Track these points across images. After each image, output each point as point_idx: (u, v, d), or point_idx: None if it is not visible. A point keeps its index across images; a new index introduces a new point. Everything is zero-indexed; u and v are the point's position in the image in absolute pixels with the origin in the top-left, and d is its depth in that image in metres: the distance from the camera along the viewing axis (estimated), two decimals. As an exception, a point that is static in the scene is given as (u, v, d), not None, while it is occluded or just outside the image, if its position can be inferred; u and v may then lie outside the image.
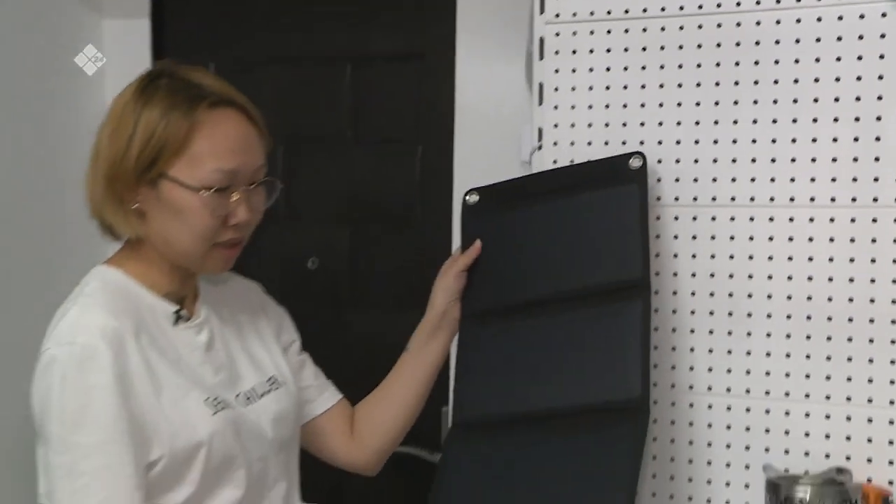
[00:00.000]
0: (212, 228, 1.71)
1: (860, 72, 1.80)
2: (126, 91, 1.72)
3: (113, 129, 1.70)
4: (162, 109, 1.67)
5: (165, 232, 1.72)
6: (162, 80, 1.71)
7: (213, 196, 1.69)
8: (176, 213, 1.70)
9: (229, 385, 1.80)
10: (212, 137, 1.69)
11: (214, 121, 1.70)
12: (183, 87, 1.71)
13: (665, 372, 1.96)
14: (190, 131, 1.67)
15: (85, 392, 1.62)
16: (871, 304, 1.81)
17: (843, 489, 1.71)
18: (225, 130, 1.71)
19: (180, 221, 1.70)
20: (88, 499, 1.61)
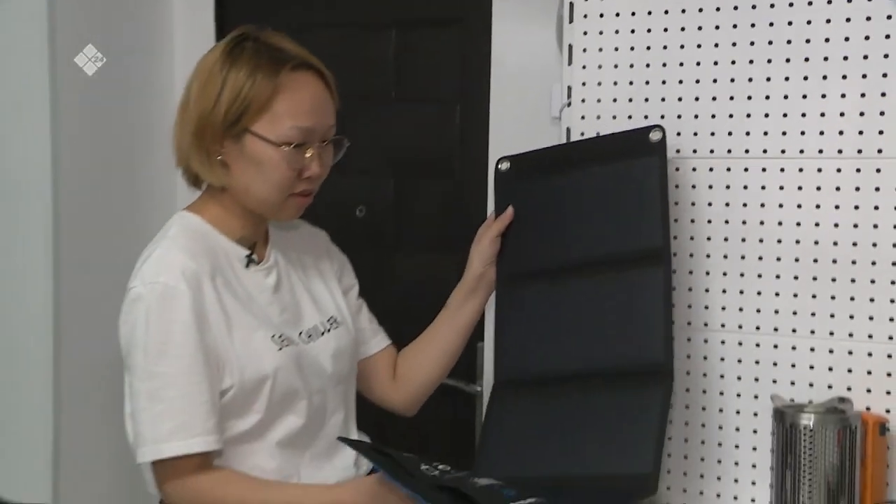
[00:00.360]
0: (288, 180, 1.74)
1: (868, 31, 1.79)
2: (214, 52, 1.76)
3: (201, 87, 1.73)
4: (248, 71, 1.70)
5: (247, 182, 1.75)
6: (247, 43, 1.73)
7: (290, 151, 1.72)
8: (257, 165, 1.73)
9: (293, 323, 1.82)
10: (292, 98, 1.72)
11: (295, 83, 1.73)
12: (266, 51, 1.73)
13: (682, 310, 1.96)
14: (273, 92, 1.70)
15: (166, 327, 1.67)
16: (874, 248, 1.81)
17: (844, 417, 1.71)
18: (303, 92, 1.74)
19: (261, 173, 1.73)
20: (167, 422, 1.66)
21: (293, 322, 1.83)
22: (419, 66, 2.59)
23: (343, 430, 1.89)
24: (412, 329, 2.26)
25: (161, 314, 1.67)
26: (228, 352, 1.71)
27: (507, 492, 1.59)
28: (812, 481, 1.70)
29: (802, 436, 1.70)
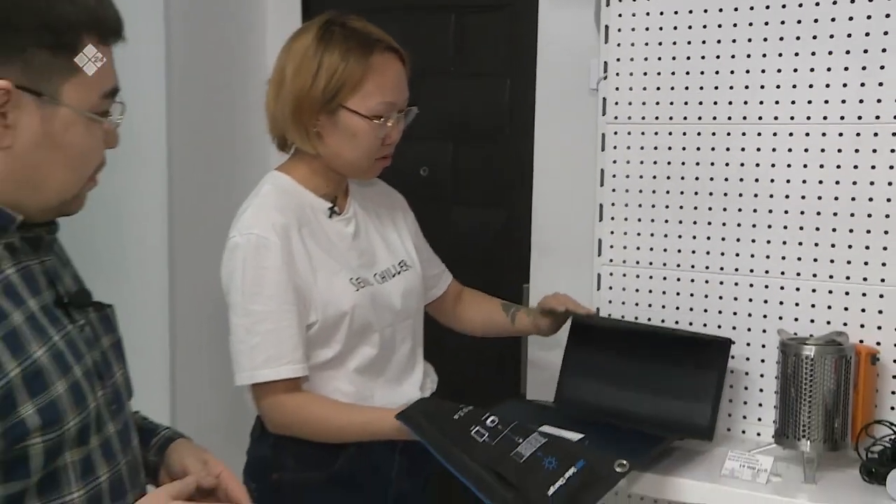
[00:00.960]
0: (375, 147, 1.78)
1: (870, 11, 1.79)
2: (305, 36, 1.76)
3: (296, 68, 1.74)
4: (341, 54, 1.71)
5: (339, 149, 1.77)
6: (336, 28, 1.74)
7: (378, 123, 1.75)
8: (350, 135, 1.75)
9: (369, 266, 1.85)
10: (380, 78, 1.74)
11: (382, 65, 1.75)
12: (355, 36, 1.74)
13: (700, 254, 1.98)
14: (364, 73, 1.72)
15: (259, 272, 1.71)
16: (870, 202, 1.82)
17: (840, 348, 1.72)
18: (389, 72, 1.76)
19: (353, 142, 1.76)
20: (262, 353, 1.71)
21: (369, 265, 1.85)
22: (474, 45, 2.57)
23: (411, 360, 1.92)
24: (466, 269, 2.30)
25: (255, 261, 1.71)
26: (313, 292, 1.74)
27: (549, 462, 1.57)
28: (812, 404, 1.70)
29: (804, 365, 1.71)
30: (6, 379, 1.06)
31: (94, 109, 1.16)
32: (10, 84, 1.08)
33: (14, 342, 1.09)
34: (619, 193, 2.06)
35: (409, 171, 2.59)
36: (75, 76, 1.13)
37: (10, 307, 1.11)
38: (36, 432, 1.09)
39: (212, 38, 2.64)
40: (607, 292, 2.09)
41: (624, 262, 2.07)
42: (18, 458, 1.09)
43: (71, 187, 1.19)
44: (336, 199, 1.84)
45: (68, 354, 1.16)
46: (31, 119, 1.11)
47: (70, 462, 1.15)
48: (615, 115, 2.04)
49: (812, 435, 1.71)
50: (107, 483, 1.20)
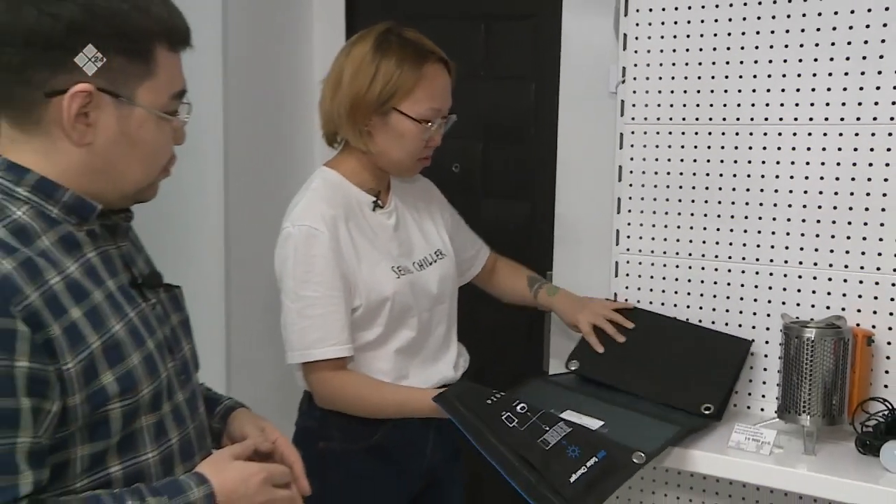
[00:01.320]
0: (420, 148, 1.79)
1: (869, 21, 1.78)
2: (364, 43, 1.75)
3: (354, 72, 1.74)
4: (397, 61, 1.72)
5: (387, 148, 1.78)
6: (392, 38, 1.75)
7: (425, 126, 1.76)
8: (399, 136, 1.76)
9: (408, 255, 1.86)
10: (430, 86, 1.75)
11: (432, 74, 1.76)
12: (409, 46, 1.75)
13: (710, 244, 1.98)
14: (417, 81, 1.73)
15: (310, 260, 1.72)
16: (867, 196, 1.81)
17: (839, 331, 1.72)
18: (438, 81, 1.77)
19: (400, 142, 1.77)
20: (311, 334, 1.72)
21: (408, 254, 1.86)
22: (502, 51, 2.56)
23: (446, 340, 1.92)
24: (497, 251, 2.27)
25: (305, 250, 1.71)
26: (358, 279, 1.76)
27: (573, 450, 1.57)
28: (812, 382, 1.70)
29: (805, 346, 1.71)
30: (88, 350, 1.09)
31: (165, 109, 1.18)
32: (91, 87, 1.09)
33: (95, 318, 1.11)
34: (636, 188, 2.06)
35: (442, 168, 2.55)
36: (149, 79, 1.14)
37: (91, 287, 1.13)
38: (115, 398, 1.11)
39: (264, 46, 2.65)
40: (624, 279, 2.09)
41: (640, 251, 2.07)
42: (100, 421, 1.11)
43: (144, 178, 1.20)
44: (379, 194, 1.85)
45: (142, 329, 1.18)
46: (110, 118, 1.13)
47: (145, 425, 1.17)
48: (632, 116, 2.04)
49: (812, 410, 1.71)
50: (177, 445, 1.23)
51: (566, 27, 2.34)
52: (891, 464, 1.64)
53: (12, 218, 1.10)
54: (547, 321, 2.42)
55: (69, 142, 1.12)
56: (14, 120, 1.13)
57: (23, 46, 1.07)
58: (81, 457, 1.11)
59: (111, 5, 1.10)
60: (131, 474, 1.16)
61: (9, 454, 1.02)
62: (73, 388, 1.07)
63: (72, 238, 1.14)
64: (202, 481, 1.18)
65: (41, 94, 1.09)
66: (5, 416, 1.02)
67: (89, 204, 1.15)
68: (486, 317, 2.45)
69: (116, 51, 1.11)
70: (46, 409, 1.05)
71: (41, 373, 1.04)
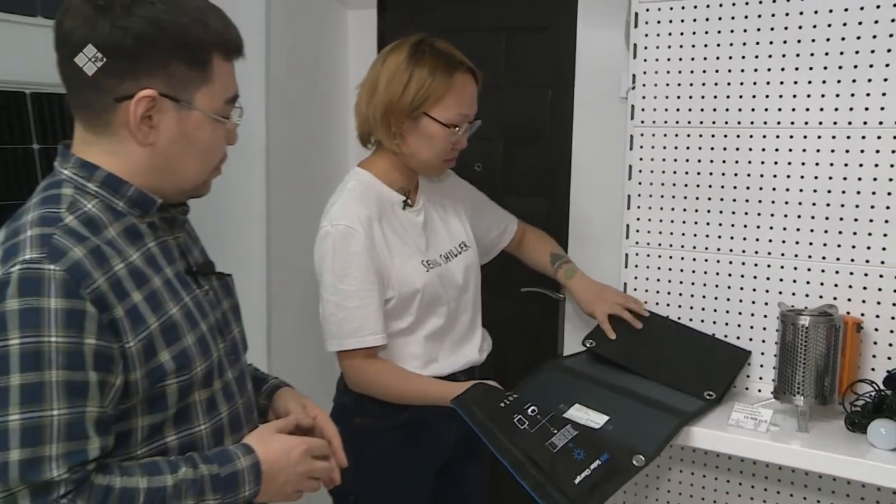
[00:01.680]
0: (447, 150, 1.79)
1: (859, 33, 1.78)
2: (399, 53, 1.75)
3: (389, 79, 1.74)
4: (429, 70, 1.72)
5: (416, 150, 1.78)
6: (425, 48, 1.75)
7: (453, 131, 1.76)
8: (428, 138, 1.76)
9: (436, 249, 1.86)
10: (460, 94, 1.75)
11: (462, 83, 1.76)
12: (441, 56, 1.74)
13: (713, 238, 1.98)
14: (447, 89, 1.73)
15: (346, 256, 1.72)
16: (857, 195, 1.81)
17: (831, 319, 1.73)
18: (466, 89, 1.77)
19: (429, 144, 1.77)
20: (348, 325, 1.73)
21: (436, 248, 1.86)
22: (521, 60, 2.55)
23: (471, 327, 1.92)
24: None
25: (343, 247, 1.71)
26: (390, 272, 1.76)
27: (578, 453, 1.56)
28: (805, 366, 1.71)
29: (800, 332, 1.72)
30: (148, 330, 1.11)
31: (219, 113, 1.20)
32: (155, 93, 1.12)
33: (154, 301, 1.14)
34: (645, 186, 2.06)
35: (466, 167, 2.51)
36: (206, 86, 1.16)
37: (151, 273, 1.15)
38: (171, 374, 1.14)
39: (303, 56, 2.65)
40: (633, 269, 2.09)
41: (648, 244, 2.06)
42: (158, 395, 1.14)
43: (200, 175, 1.22)
44: (408, 193, 1.85)
45: (196, 313, 1.20)
46: (171, 121, 1.15)
47: (198, 400, 1.20)
48: (641, 120, 2.04)
49: (805, 391, 1.72)
50: (227, 418, 1.25)
51: (580, 38, 2.34)
52: (877, 440, 1.65)
53: (83, 210, 1.13)
54: (561, 309, 2.42)
55: (134, 142, 1.15)
56: (87, 123, 1.16)
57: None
58: (142, 427, 1.14)
59: (174, 20, 1.12)
60: (185, 444, 1.19)
61: (79, 422, 1.05)
62: (134, 364, 1.10)
63: (135, 229, 1.17)
64: (248, 451, 1.21)
65: (111, 99, 1.12)
66: (76, 387, 1.05)
67: (151, 198, 1.18)
68: (507, 306, 2.46)
69: (178, 60, 1.13)
70: (111, 383, 1.08)
71: (107, 350, 1.07)
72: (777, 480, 1.94)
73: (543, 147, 2.55)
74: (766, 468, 1.96)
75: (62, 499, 1.04)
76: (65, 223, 1.10)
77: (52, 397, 1.04)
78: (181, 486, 1.12)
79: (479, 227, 2.02)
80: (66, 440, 1.04)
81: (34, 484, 1.03)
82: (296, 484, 1.26)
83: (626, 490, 2.14)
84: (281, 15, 2.53)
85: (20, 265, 1.05)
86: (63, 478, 1.04)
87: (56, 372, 1.04)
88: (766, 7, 1.87)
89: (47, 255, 1.05)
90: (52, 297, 1.04)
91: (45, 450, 1.03)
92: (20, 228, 1.10)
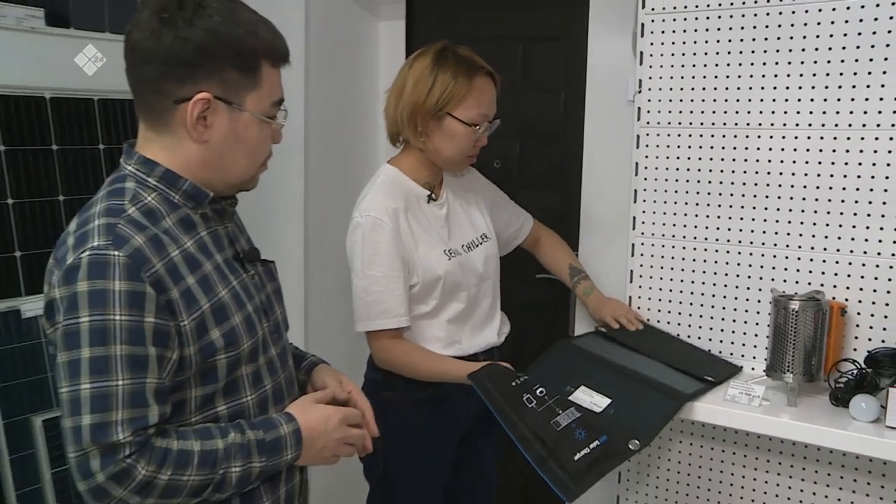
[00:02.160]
0: (468, 147, 1.80)
1: (844, 44, 1.78)
2: (424, 58, 1.76)
3: (415, 82, 1.75)
4: (452, 74, 1.73)
5: (440, 147, 1.78)
6: (448, 54, 1.76)
7: (474, 129, 1.77)
8: (451, 136, 1.77)
9: (458, 239, 1.86)
10: (480, 95, 1.76)
11: (482, 85, 1.77)
12: (463, 61, 1.75)
13: (712, 230, 1.98)
14: (468, 90, 1.74)
15: (374, 246, 1.73)
16: (843, 191, 1.81)
17: (818, 303, 1.74)
18: (486, 92, 1.78)
19: (451, 141, 1.78)
20: (376, 308, 1.74)
21: (457, 239, 1.86)
22: (537, 66, 2.55)
23: (490, 312, 1.92)
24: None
25: (371, 237, 1.73)
26: (415, 260, 1.77)
27: (580, 433, 1.57)
28: (795, 346, 1.72)
29: (790, 316, 1.72)
30: (200, 310, 1.14)
31: (266, 114, 1.21)
32: (210, 96, 1.15)
33: (205, 284, 1.17)
34: (650, 181, 2.06)
35: (486, 164, 2.56)
36: (255, 90, 1.18)
37: (203, 259, 1.18)
38: (221, 350, 1.17)
39: (338, 62, 2.67)
40: (639, 258, 2.09)
41: (653, 234, 2.07)
42: (210, 369, 1.17)
43: (248, 171, 1.24)
44: (433, 188, 1.86)
45: (243, 295, 1.23)
46: (223, 121, 1.17)
47: (245, 374, 1.22)
48: (647, 121, 2.04)
49: (794, 369, 1.72)
50: (271, 390, 1.27)
51: (591, 47, 2.34)
52: (858, 413, 1.66)
53: (144, 202, 1.16)
54: (572, 296, 2.41)
55: (190, 140, 1.17)
56: (149, 122, 1.19)
57: (160, 64, 1.13)
58: (195, 397, 1.17)
59: (229, 31, 1.14)
60: (234, 413, 1.22)
61: (141, 391, 1.09)
62: (188, 340, 1.13)
63: (189, 219, 1.20)
64: (290, 419, 1.24)
65: (171, 101, 1.15)
66: (138, 360, 1.08)
67: (203, 192, 1.21)
68: (523, 291, 2.46)
69: (231, 67, 1.15)
70: (168, 357, 1.11)
71: (164, 327, 1.10)
72: (768, 450, 1.95)
73: (557, 146, 2.55)
74: (758, 439, 1.96)
75: (127, 459, 1.08)
76: (128, 214, 1.13)
77: (117, 369, 1.07)
78: (231, 449, 1.15)
79: (497, 222, 2.02)
80: (129, 407, 1.07)
81: (103, 445, 1.07)
82: (333, 449, 1.28)
83: (631, 458, 2.15)
84: (319, 25, 2.54)
85: (89, 251, 1.08)
86: (127, 440, 1.07)
87: (120, 347, 1.07)
88: (760, 19, 1.87)
89: (112, 243, 1.09)
90: (116, 280, 1.07)
91: (111, 415, 1.07)
92: (89, 218, 1.13)
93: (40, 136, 2.14)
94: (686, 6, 1.95)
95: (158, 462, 1.09)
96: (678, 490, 2.09)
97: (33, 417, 2.08)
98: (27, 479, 2.08)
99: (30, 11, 2.09)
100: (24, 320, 2.09)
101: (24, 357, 2.09)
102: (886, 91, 1.74)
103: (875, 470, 1.82)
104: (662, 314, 2.08)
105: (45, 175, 2.15)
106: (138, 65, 1.15)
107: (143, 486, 1.09)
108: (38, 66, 2.08)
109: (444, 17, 2.72)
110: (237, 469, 1.15)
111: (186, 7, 1.13)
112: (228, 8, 1.15)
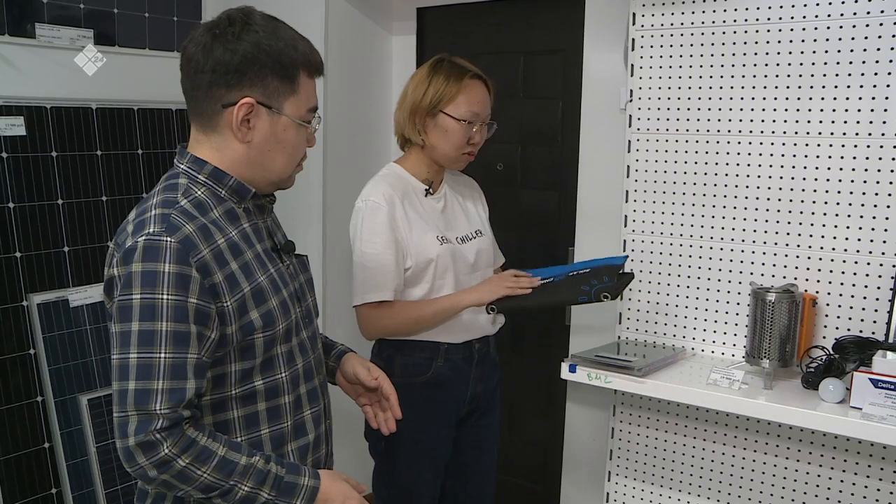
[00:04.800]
0: (462, 143, 1.81)
1: (814, 59, 1.82)
2: (423, 68, 1.84)
3: (414, 87, 1.81)
4: (445, 77, 1.78)
5: (436, 142, 1.81)
6: (444, 63, 1.82)
7: (466, 125, 1.79)
8: (444, 132, 1.80)
9: (452, 231, 1.86)
10: (469, 94, 1.79)
11: (470, 86, 1.80)
12: (455, 67, 1.81)
13: (696, 227, 2.01)
14: (458, 90, 1.78)
15: (372, 227, 1.75)
16: (814, 192, 1.85)
17: (792, 296, 1.78)
18: (475, 91, 1.81)
19: (446, 137, 1.80)
20: (372, 281, 1.75)
21: (453, 230, 1.86)
22: (537, 77, 2.57)
23: None
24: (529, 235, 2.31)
25: (370, 219, 1.75)
26: (409, 243, 1.77)
27: (598, 280, 1.73)
28: (771, 335, 1.76)
29: (767, 307, 1.76)
30: (241, 293, 1.18)
31: (302, 119, 1.24)
32: (253, 101, 1.19)
33: (247, 270, 1.20)
34: (640, 183, 2.09)
35: (489, 166, 2.63)
36: (293, 97, 1.23)
37: (245, 248, 1.22)
38: (258, 330, 1.20)
39: (355, 74, 2.70)
40: (630, 253, 2.11)
41: (643, 231, 2.09)
42: (248, 347, 1.20)
43: (286, 170, 1.28)
44: (432, 184, 1.86)
45: (279, 282, 1.26)
46: (264, 124, 1.21)
47: (279, 353, 1.24)
48: (638, 128, 2.07)
49: (770, 355, 1.77)
50: (301, 369, 1.30)
51: (587, 59, 2.36)
52: (826, 395, 1.71)
53: (194, 196, 1.22)
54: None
55: (236, 140, 1.22)
56: (200, 125, 1.25)
57: (211, 72, 1.20)
58: (234, 371, 1.20)
59: (272, 43, 1.20)
60: (270, 388, 1.24)
61: (182, 365, 1.12)
62: (230, 319, 1.17)
63: (233, 212, 1.24)
64: (315, 476, 1.22)
65: (219, 105, 1.21)
66: (181, 336, 1.12)
67: (246, 188, 1.25)
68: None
69: (273, 75, 1.20)
70: (207, 336, 1.15)
71: (206, 308, 1.14)
72: (745, 429, 1.99)
73: (555, 149, 2.56)
74: (736, 419, 2.00)
75: (158, 433, 1.10)
76: (180, 205, 1.18)
77: (162, 343, 1.11)
78: (250, 468, 1.16)
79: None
80: (169, 378, 1.11)
81: (142, 412, 1.10)
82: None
83: (622, 430, 2.17)
84: (337, 40, 2.58)
85: (145, 236, 1.13)
86: (163, 413, 1.10)
87: (166, 323, 1.11)
88: (739, 36, 1.93)
89: (166, 230, 1.13)
90: (167, 263, 1.11)
91: (153, 384, 1.10)
92: (147, 209, 1.19)
93: (87, 142, 2.23)
94: (672, 24, 2.00)
95: (182, 447, 1.12)
96: (664, 466, 2.13)
97: (80, 397, 2.16)
98: (76, 452, 2.17)
99: (81, 32, 2.19)
100: (72, 309, 2.17)
101: (73, 343, 2.17)
102: (850, 103, 1.80)
103: (839, 446, 1.86)
104: (651, 304, 2.11)
105: (91, 178, 2.23)
106: (192, 73, 1.20)
107: (163, 463, 1.11)
108: (86, 81, 2.19)
109: (451, 32, 2.76)
110: (246, 488, 1.16)
111: (235, 23, 1.19)
112: (271, 25, 1.21)
